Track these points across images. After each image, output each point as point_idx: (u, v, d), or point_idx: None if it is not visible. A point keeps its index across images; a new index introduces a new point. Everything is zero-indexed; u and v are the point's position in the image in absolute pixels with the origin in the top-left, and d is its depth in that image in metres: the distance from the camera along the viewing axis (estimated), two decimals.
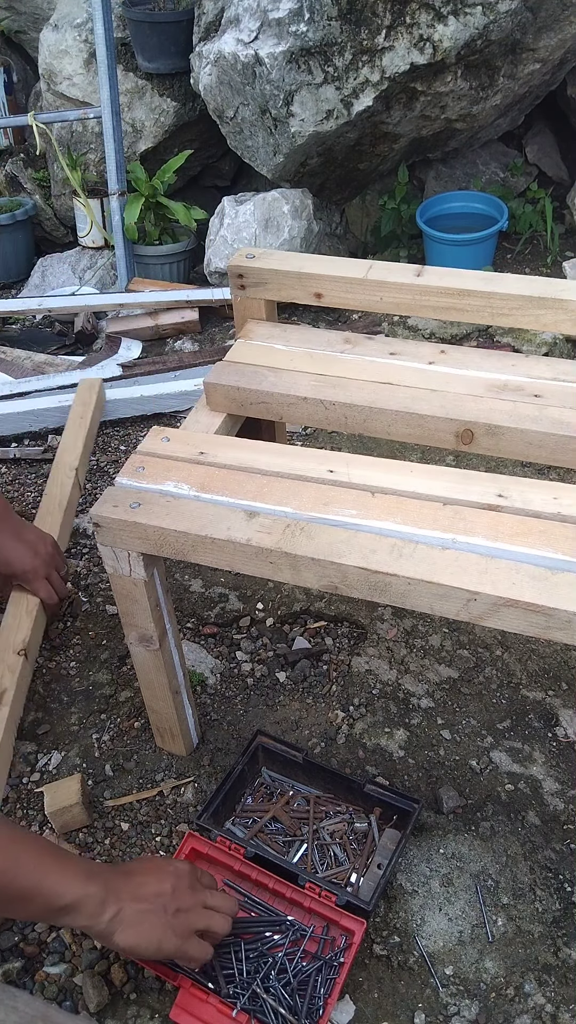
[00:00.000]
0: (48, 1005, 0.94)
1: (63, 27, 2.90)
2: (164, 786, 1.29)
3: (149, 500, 1.01)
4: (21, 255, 3.13)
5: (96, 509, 1.01)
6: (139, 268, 2.88)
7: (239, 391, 1.21)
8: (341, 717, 1.39)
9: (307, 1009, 1.00)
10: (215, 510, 0.99)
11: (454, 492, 0.99)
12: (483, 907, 1.14)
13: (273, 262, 1.30)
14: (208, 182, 3.28)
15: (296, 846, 1.19)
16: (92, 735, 1.37)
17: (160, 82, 2.88)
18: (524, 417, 1.10)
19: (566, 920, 1.12)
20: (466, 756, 1.33)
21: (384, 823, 1.21)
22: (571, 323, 1.19)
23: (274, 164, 2.61)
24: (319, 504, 0.98)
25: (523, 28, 2.33)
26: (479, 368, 1.21)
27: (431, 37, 2.27)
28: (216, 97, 2.59)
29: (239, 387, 1.20)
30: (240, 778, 1.24)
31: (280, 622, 1.56)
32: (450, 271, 1.26)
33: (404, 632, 1.53)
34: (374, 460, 1.06)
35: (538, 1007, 1.04)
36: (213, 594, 1.62)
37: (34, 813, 1.26)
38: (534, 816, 1.24)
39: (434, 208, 2.77)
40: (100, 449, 2.05)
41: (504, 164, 3.01)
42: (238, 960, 1.05)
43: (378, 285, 1.25)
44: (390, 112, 2.49)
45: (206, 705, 1.41)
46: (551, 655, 1.48)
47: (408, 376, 1.20)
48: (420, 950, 1.10)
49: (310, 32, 2.29)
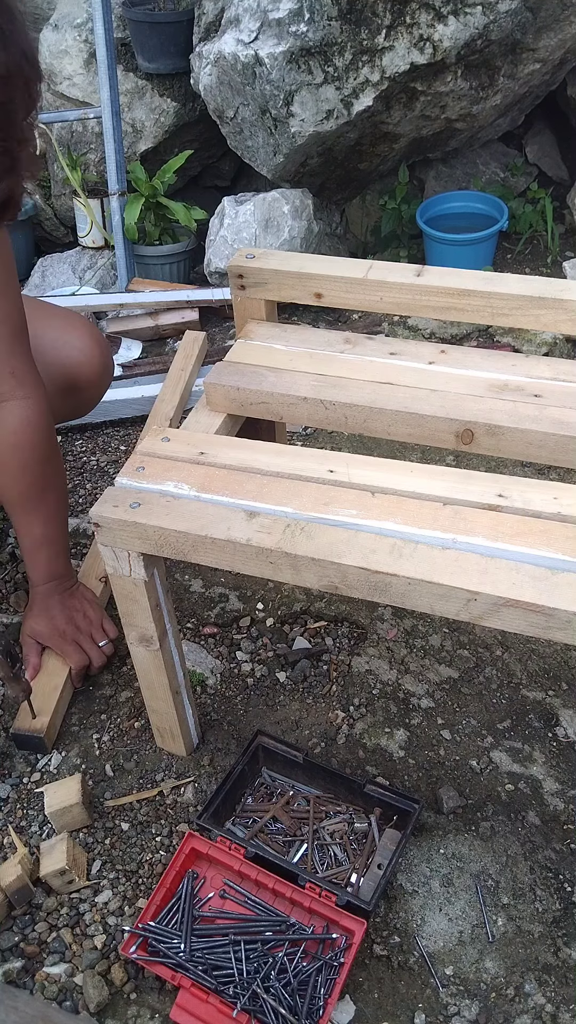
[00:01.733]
0: (48, 1005, 0.94)
1: (63, 27, 2.90)
2: (164, 786, 1.29)
3: (149, 500, 1.01)
4: (21, 255, 3.13)
5: (96, 509, 1.01)
6: (139, 268, 2.88)
7: (239, 391, 1.21)
8: (341, 717, 1.38)
9: (307, 1009, 1.00)
10: (215, 510, 0.99)
11: (454, 492, 0.99)
12: (483, 907, 1.14)
13: (273, 262, 1.30)
14: (208, 182, 3.28)
15: (296, 846, 1.19)
16: (92, 735, 1.37)
17: (160, 82, 2.88)
18: (524, 417, 1.10)
19: (566, 920, 1.12)
20: (466, 756, 1.33)
21: (384, 823, 1.21)
22: (571, 323, 1.19)
23: (274, 164, 2.61)
24: (319, 504, 0.98)
25: (523, 28, 2.33)
26: (479, 368, 1.21)
27: (431, 37, 2.27)
28: (216, 97, 2.59)
29: (239, 387, 1.20)
30: (240, 778, 1.24)
31: (280, 622, 1.56)
32: (450, 271, 1.26)
33: (404, 632, 1.53)
34: (374, 460, 1.06)
35: (538, 1007, 1.04)
36: (213, 594, 1.62)
37: (34, 813, 1.26)
38: (534, 816, 1.24)
39: (434, 208, 2.77)
40: (100, 449, 2.05)
41: (504, 164, 3.00)
42: (238, 960, 1.05)
43: (378, 285, 1.25)
44: (390, 112, 2.49)
45: (206, 705, 1.41)
46: (551, 655, 1.48)
47: (408, 376, 1.20)
48: (420, 950, 1.10)
49: (310, 32, 2.29)
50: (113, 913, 1.14)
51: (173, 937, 1.07)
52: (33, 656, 1.41)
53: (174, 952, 1.06)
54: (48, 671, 1.40)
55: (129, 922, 1.13)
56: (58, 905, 1.15)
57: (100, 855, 1.21)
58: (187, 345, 2.04)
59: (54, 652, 1.42)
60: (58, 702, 1.36)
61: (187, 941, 1.07)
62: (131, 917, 1.14)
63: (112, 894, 1.17)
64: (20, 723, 1.33)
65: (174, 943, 1.07)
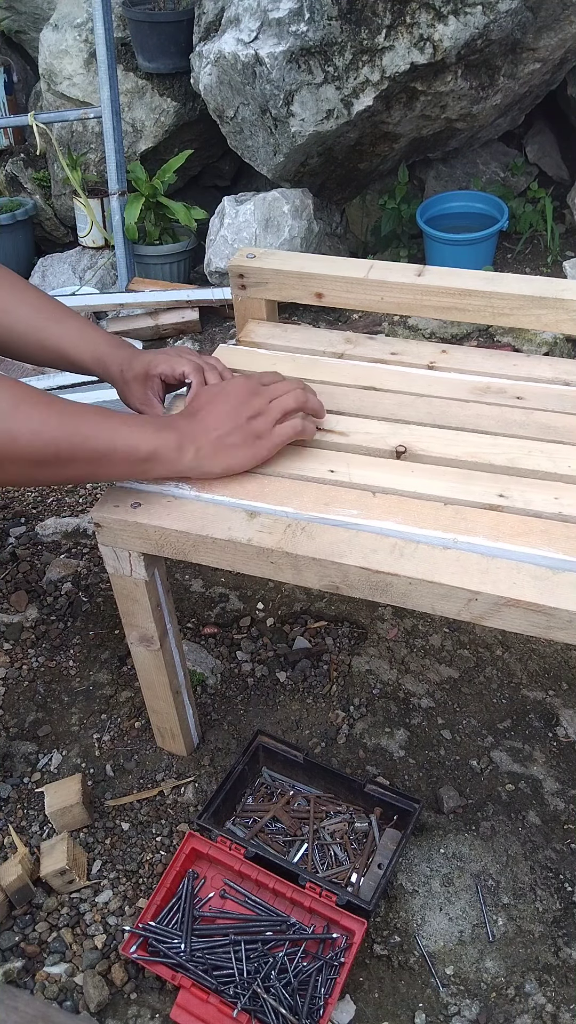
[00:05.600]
0: (48, 1005, 0.94)
1: (63, 27, 2.90)
2: (164, 786, 1.29)
3: (150, 500, 1.01)
4: (21, 255, 3.13)
5: (97, 509, 1.01)
6: (139, 268, 2.88)
7: None
8: (341, 717, 1.38)
9: (308, 1009, 1.00)
10: (216, 510, 0.99)
11: (455, 492, 0.99)
12: (483, 907, 1.14)
13: (274, 262, 1.30)
14: (208, 182, 3.28)
15: (296, 846, 1.19)
16: (92, 735, 1.37)
17: (160, 82, 2.88)
18: (511, 423, 1.10)
19: (567, 920, 1.12)
20: (466, 756, 1.33)
21: (384, 823, 1.21)
22: (572, 323, 1.19)
23: (274, 164, 2.61)
24: (320, 504, 0.98)
25: (523, 28, 2.33)
26: (473, 371, 1.21)
27: (431, 37, 2.27)
28: (216, 97, 2.59)
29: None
30: (240, 778, 1.24)
31: (280, 622, 1.56)
32: (451, 271, 1.25)
33: (404, 632, 1.53)
34: (374, 460, 1.06)
35: (539, 1007, 1.04)
36: (213, 594, 1.62)
37: (35, 813, 1.26)
38: (535, 816, 1.24)
39: (434, 208, 2.77)
40: None
41: (504, 164, 3.01)
42: (238, 960, 1.05)
43: (379, 285, 1.25)
44: (390, 112, 2.49)
45: (206, 705, 1.41)
46: (552, 655, 1.48)
47: (392, 380, 1.19)
48: (421, 950, 1.10)
49: (310, 32, 2.29)
50: (113, 913, 1.14)
51: (173, 937, 1.07)
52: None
53: (174, 952, 1.06)
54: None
55: (129, 922, 1.13)
56: (58, 905, 1.15)
57: (100, 855, 1.21)
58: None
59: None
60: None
61: (187, 941, 1.07)
62: (131, 917, 1.14)
63: (112, 894, 1.17)
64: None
65: (174, 943, 1.07)
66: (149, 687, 1.22)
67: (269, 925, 1.09)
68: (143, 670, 1.19)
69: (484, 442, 1.06)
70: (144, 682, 1.22)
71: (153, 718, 1.29)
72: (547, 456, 1.04)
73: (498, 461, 1.03)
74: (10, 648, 1.51)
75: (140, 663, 1.18)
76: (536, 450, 1.05)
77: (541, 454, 1.04)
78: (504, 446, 1.06)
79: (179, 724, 1.26)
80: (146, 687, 1.22)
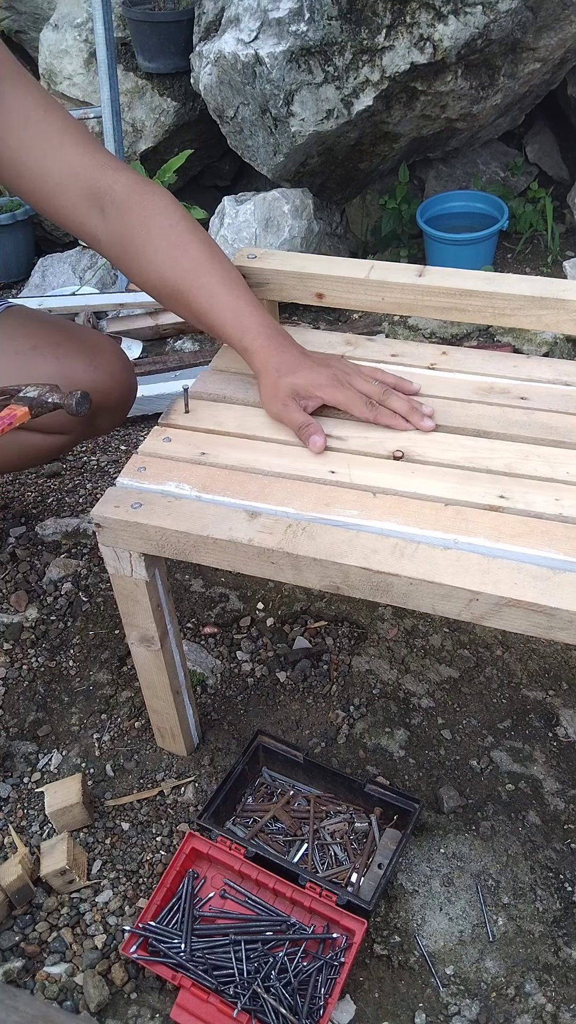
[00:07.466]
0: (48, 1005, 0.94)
1: (63, 27, 2.89)
2: (164, 786, 1.29)
3: (150, 500, 1.01)
4: (21, 255, 3.13)
5: (97, 510, 1.01)
6: None
7: (225, 399, 1.20)
8: (341, 717, 1.39)
9: (308, 1009, 1.00)
10: (217, 510, 0.99)
11: (456, 493, 0.99)
12: (484, 907, 1.14)
13: (274, 262, 1.30)
14: (208, 182, 3.28)
15: (297, 846, 1.19)
16: (92, 735, 1.37)
17: (160, 82, 2.88)
18: (512, 423, 1.10)
19: (567, 920, 1.12)
20: (466, 756, 1.33)
21: (384, 823, 1.21)
22: (572, 323, 1.19)
23: (274, 164, 2.61)
24: (321, 504, 0.98)
25: (523, 27, 2.33)
26: (474, 371, 1.21)
27: (431, 36, 2.26)
28: (216, 97, 2.59)
29: (224, 396, 1.19)
30: (240, 778, 1.24)
31: (280, 622, 1.56)
32: (451, 271, 1.25)
33: (404, 632, 1.53)
34: (375, 460, 1.06)
35: (539, 1007, 1.05)
36: (213, 594, 1.62)
37: (35, 813, 1.26)
38: (535, 816, 1.24)
39: (434, 208, 2.77)
40: (100, 449, 2.05)
41: (504, 164, 3.00)
42: (238, 960, 1.05)
43: (380, 285, 1.25)
44: (390, 112, 2.49)
45: (206, 705, 1.41)
46: (552, 655, 1.48)
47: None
48: (421, 950, 1.10)
49: (310, 32, 2.29)
50: (113, 913, 1.15)
51: (173, 937, 1.07)
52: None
53: (174, 952, 1.06)
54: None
55: (129, 922, 1.13)
56: (58, 905, 1.15)
57: (100, 855, 1.21)
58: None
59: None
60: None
61: (187, 941, 1.07)
62: (131, 917, 1.14)
63: (112, 894, 1.17)
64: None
65: (174, 943, 1.07)
66: (149, 687, 1.22)
67: (269, 925, 1.09)
68: (143, 670, 1.19)
69: (480, 446, 1.06)
70: (144, 682, 1.22)
71: (153, 718, 1.29)
72: (544, 460, 1.03)
73: (496, 467, 1.03)
74: (10, 648, 1.51)
75: (140, 663, 1.18)
76: (534, 455, 1.04)
77: (538, 459, 1.04)
78: (502, 451, 1.05)
79: (179, 724, 1.26)
80: (146, 687, 1.22)
